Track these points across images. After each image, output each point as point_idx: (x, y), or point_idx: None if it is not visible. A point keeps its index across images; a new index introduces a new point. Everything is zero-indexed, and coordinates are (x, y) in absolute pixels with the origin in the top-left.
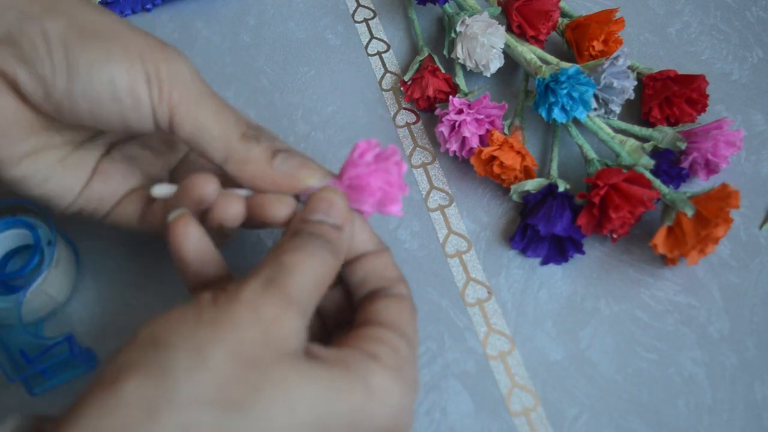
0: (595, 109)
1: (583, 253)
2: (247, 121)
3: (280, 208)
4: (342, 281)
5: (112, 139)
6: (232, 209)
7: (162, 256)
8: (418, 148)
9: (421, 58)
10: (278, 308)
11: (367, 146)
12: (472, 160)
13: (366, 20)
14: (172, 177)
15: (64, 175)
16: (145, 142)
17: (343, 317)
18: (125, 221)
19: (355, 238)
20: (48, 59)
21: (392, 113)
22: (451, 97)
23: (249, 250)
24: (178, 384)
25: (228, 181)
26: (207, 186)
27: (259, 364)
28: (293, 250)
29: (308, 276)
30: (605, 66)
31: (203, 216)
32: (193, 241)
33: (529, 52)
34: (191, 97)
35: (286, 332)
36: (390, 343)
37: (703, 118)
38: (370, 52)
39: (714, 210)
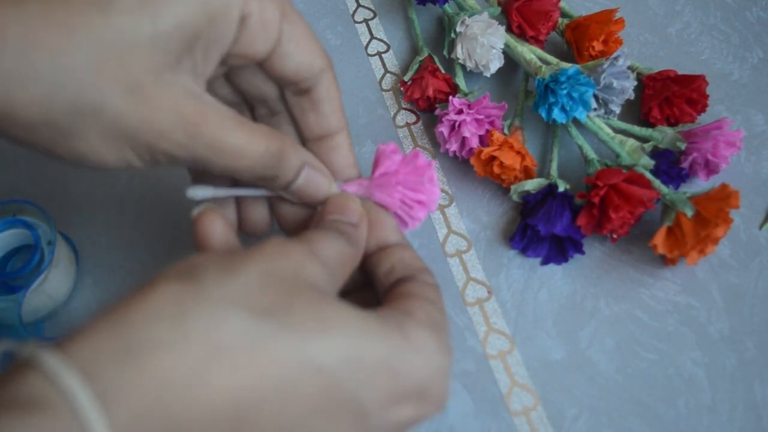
0: (595, 110)
1: (583, 253)
2: None
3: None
4: (365, 284)
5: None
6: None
7: (162, 256)
8: (418, 148)
9: (421, 59)
10: (304, 254)
11: (392, 149)
12: (472, 161)
13: (366, 20)
14: None
15: None
16: None
17: None
18: None
19: (381, 229)
20: None
21: (392, 113)
22: (451, 97)
23: None
24: (207, 287)
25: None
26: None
27: (291, 285)
28: (314, 232)
29: (329, 250)
30: (605, 66)
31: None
32: (218, 237)
33: (529, 52)
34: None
35: (317, 274)
36: (423, 306)
37: (703, 118)
38: (370, 53)
39: (714, 210)
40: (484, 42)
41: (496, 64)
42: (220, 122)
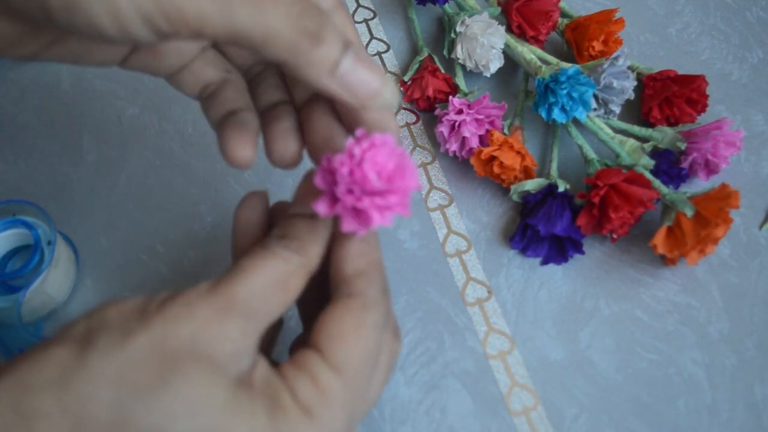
0: (595, 110)
1: (582, 253)
2: None
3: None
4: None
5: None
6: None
7: (162, 256)
8: (417, 148)
9: (420, 59)
10: (214, 311)
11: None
12: (472, 160)
13: (366, 20)
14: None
15: None
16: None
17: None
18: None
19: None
20: None
21: None
22: (450, 97)
23: None
24: (91, 359)
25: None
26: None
27: (176, 360)
28: (255, 251)
29: (262, 278)
30: (605, 66)
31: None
32: (254, 227)
33: (529, 52)
34: None
35: (216, 336)
36: (318, 376)
37: (703, 118)
38: (370, 52)
39: (714, 210)
40: (484, 42)
41: (496, 64)
42: None
